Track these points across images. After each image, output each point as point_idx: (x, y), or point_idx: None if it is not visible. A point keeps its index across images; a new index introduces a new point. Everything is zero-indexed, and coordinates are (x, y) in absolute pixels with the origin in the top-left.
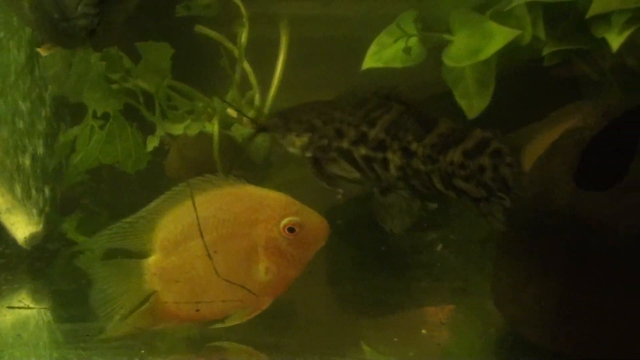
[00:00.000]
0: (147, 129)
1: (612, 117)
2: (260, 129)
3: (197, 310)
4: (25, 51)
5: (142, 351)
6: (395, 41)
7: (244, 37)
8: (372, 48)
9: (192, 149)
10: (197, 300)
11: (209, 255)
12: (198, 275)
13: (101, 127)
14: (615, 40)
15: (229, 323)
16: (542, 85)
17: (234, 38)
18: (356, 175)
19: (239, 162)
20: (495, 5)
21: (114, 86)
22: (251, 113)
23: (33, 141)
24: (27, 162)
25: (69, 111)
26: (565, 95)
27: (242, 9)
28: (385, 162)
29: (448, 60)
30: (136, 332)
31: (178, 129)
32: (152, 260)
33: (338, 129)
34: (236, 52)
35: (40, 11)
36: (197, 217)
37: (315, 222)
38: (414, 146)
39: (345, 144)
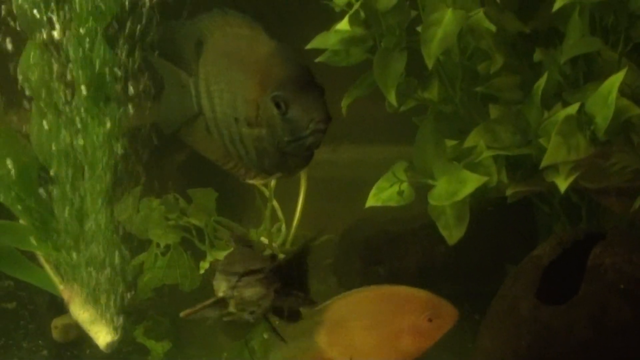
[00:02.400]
0: (200, 255)
1: (564, 246)
2: None
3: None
4: None
5: None
6: (391, 185)
7: (273, 182)
8: (373, 190)
9: None
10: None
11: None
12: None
13: (163, 255)
14: (563, 185)
15: None
16: (505, 213)
17: None
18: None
19: None
20: (468, 157)
21: (172, 223)
22: (279, 240)
23: (109, 268)
24: (106, 284)
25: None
26: (524, 223)
27: None
28: None
29: (432, 200)
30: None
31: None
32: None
33: None
34: (267, 193)
35: (268, 138)
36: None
37: (448, 311)
38: None
39: None
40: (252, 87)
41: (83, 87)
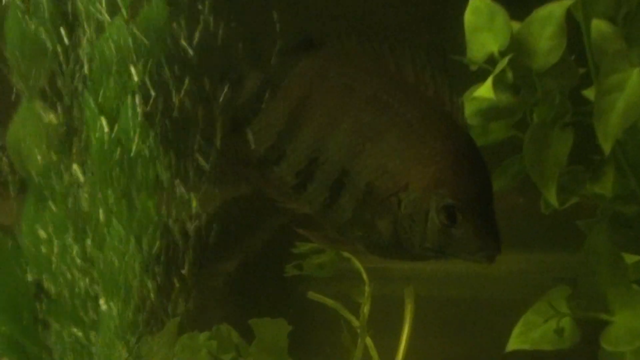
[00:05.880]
0: None
1: None
2: None
3: None
4: None
5: None
6: (546, 321)
7: (366, 308)
8: (518, 328)
9: None
10: None
11: None
12: None
13: None
14: None
15: None
16: None
17: (347, 302)
18: None
19: None
20: None
21: None
22: None
23: None
24: None
25: None
26: None
27: (364, 276)
28: None
29: (607, 343)
30: None
31: None
32: None
33: None
34: (356, 323)
35: (395, 232)
36: None
37: None
38: None
39: None
40: (411, 173)
41: None
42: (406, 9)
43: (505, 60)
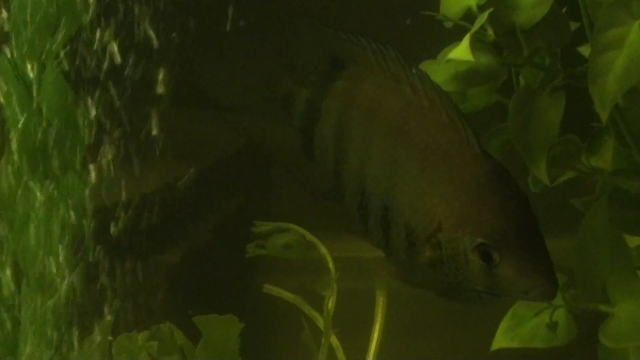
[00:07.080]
0: None
1: None
2: None
3: None
4: None
5: None
6: (536, 314)
7: (331, 303)
8: (505, 323)
9: None
10: None
11: None
12: None
13: None
14: None
15: None
16: None
17: (311, 297)
18: None
19: None
20: None
21: None
22: None
23: None
24: None
25: None
26: None
27: (331, 265)
28: None
29: (606, 339)
30: None
31: None
32: None
33: None
34: (320, 322)
35: (437, 268)
36: None
37: None
38: None
39: None
40: (438, 211)
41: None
42: None
43: (485, 15)
